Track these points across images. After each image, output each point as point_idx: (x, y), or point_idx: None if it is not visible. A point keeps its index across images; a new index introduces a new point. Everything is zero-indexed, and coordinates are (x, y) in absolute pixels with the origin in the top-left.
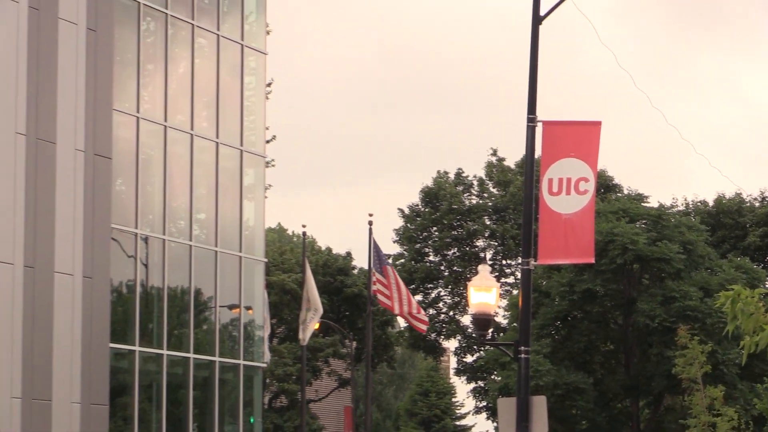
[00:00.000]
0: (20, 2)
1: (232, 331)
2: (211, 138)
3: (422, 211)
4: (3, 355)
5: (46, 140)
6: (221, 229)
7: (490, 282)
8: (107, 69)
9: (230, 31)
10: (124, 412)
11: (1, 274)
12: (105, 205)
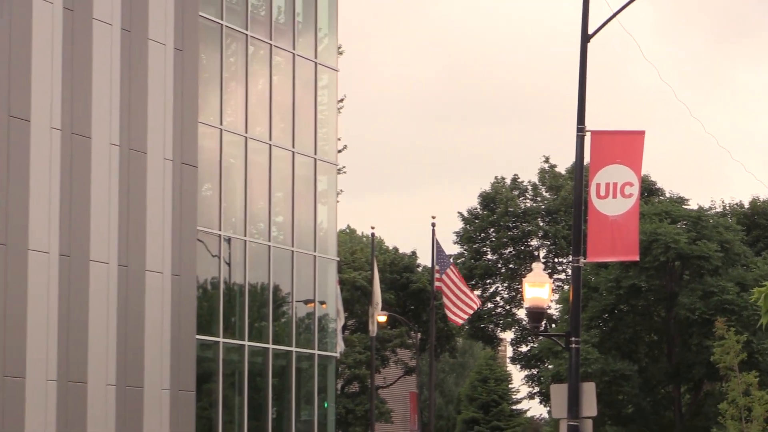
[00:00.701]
0: (113, 25)
1: (308, 324)
2: (287, 148)
3: (480, 214)
4: (99, 346)
5: (138, 150)
6: (297, 231)
7: (544, 278)
8: (193, 85)
9: (305, 50)
10: (209, 398)
11: (97, 273)
12: (191, 209)
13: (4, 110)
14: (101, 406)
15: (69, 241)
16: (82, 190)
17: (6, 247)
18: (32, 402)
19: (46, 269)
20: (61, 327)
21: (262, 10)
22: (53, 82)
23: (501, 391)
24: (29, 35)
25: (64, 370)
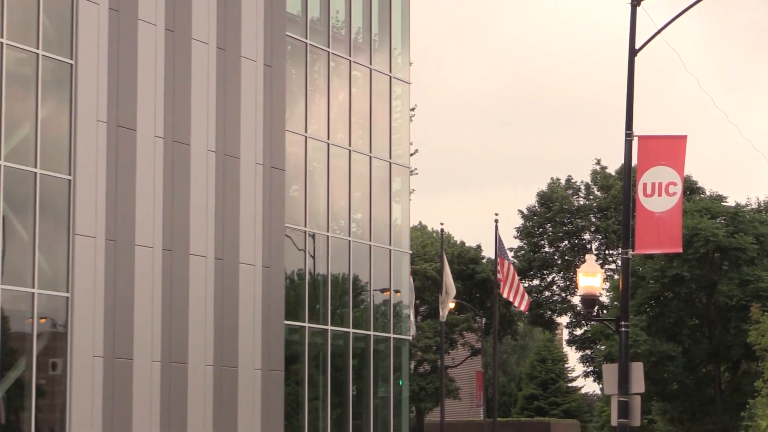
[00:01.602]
0: (209, 44)
1: (384, 310)
2: (365, 152)
3: (538, 211)
4: (198, 330)
5: (232, 156)
6: (374, 227)
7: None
8: (281, 97)
9: (380, 66)
10: (296, 377)
11: (196, 266)
12: (280, 208)
13: (113, 121)
14: (200, 383)
15: (171, 237)
16: (183, 192)
17: (115, 243)
18: (139, 380)
19: (150, 262)
20: (164, 313)
21: (343, 30)
22: (156, 95)
23: (558, 370)
24: (135, 54)
25: (167, 352)
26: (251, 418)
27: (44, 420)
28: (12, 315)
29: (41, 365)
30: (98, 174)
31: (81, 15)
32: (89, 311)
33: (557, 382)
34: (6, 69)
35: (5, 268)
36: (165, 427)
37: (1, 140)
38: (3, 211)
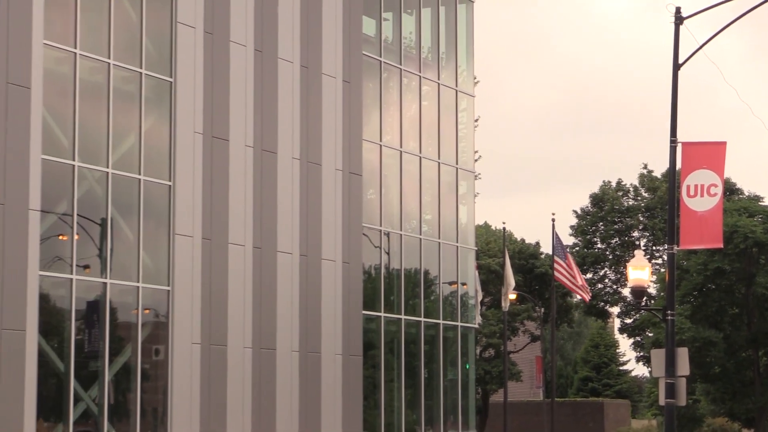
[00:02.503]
0: (294, 62)
1: (452, 301)
2: (434, 159)
3: (591, 211)
4: (285, 319)
5: (314, 162)
6: (442, 226)
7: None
8: (358, 109)
9: (447, 80)
10: (373, 361)
11: (283, 261)
12: (357, 210)
13: (208, 132)
14: (287, 367)
15: (260, 235)
16: (270, 195)
17: (211, 242)
18: (232, 365)
19: (242, 259)
20: (254, 304)
21: (413, 49)
22: (247, 108)
23: (610, 355)
24: (227, 72)
25: (257, 339)
26: (333, 399)
27: (148, 400)
28: (119, 307)
29: (145, 351)
30: (195, 180)
31: (179, 37)
32: (188, 303)
33: (609, 366)
34: (113, 86)
35: (113, 265)
36: (256, 404)
37: (110, 150)
38: (111, 214)
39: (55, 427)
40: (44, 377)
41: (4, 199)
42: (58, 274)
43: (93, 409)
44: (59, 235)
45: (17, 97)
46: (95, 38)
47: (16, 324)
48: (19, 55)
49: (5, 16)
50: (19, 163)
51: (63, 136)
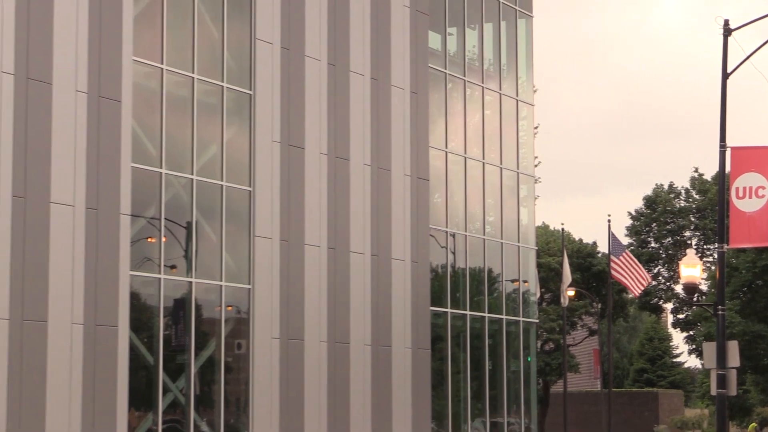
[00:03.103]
0: (365, 75)
1: (514, 297)
2: (496, 164)
3: (645, 213)
4: (358, 315)
5: (384, 168)
6: (505, 227)
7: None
8: (424, 118)
9: (508, 90)
10: (440, 354)
11: (355, 261)
12: (425, 212)
13: (285, 140)
14: (360, 360)
15: (335, 237)
16: (343, 199)
17: (288, 243)
18: (309, 357)
19: (317, 259)
20: (329, 301)
21: (476, 62)
22: (321, 118)
23: (664, 348)
24: (303, 84)
25: (332, 334)
26: (403, 389)
27: (231, 391)
28: (204, 304)
29: (228, 345)
30: (273, 185)
31: (258, 53)
32: (267, 300)
33: (663, 358)
34: (197, 99)
35: (198, 265)
36: (331, 394)
37: (194, 158)
38: (195, 218)
39: (146, 416)
40: (135, 370)
41: (98, 204)
42: (147, 273)
43: (180, 399)
44: (148, 237)
45: (109, 109)
46: (180, 54)
47: (109, 320)
48: (111, 70)
49: (98, 34)
50: (110, 171)
51: (151, 145)
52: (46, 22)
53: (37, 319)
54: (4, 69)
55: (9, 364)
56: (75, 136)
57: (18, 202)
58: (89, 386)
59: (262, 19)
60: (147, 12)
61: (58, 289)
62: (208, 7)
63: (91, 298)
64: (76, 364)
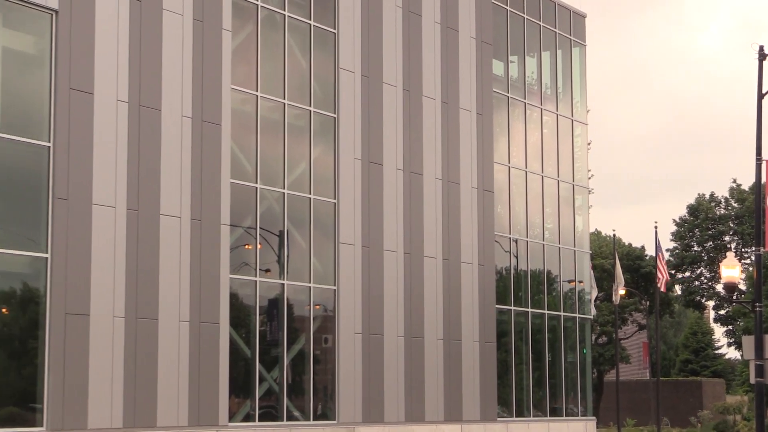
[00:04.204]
0: (436, 99)
1: (570, 296)
2: (553, 177)
3: (688, 219)
4: (431, 312)
5: (454, 182)
6: (562, 233)
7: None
8: (489, 136)
9: (564, 111)
10: (505, 347)
11: (429, 265)
12: (490, 221)
13: (366, 158)
14: (433, 352)
15: (410, 243)
16: (418, 209)
17: (369, 249)
18: (388, 350)
19: (395, 262)
20: (405, 300)
21: (535, 85)
22: (397, 137)
23: (706, 341)
24: (381, 108)
25: (408, 329)
26: (472, 379)
27: (319, 380)
28: (295, 303)
29: (316, 340)
30: (355, 197)
31: (341, 81)
32: (350, 299)
33: (706, 350)
34: (287, 122)
35: (289, 269)
36: (408, 383)
37: (285, 174)
38: (287, 227)
39: (244, 402)
40: (235, 362)
41: (201, 215)
42: (244, 276)
43: (274, 387)
44: (245, 244)
45: (210, 132)
46: (273, 83)
47: (212, 318)
48: (212, 97)
49: (200, 66)
50: (212, 186)
51: (247, 163)
52: (155, 56)
53: (149, 317)
54: (119, 98)
55: (125, 357)
56: (181, 156)
57: (132, 215)
58: (195, 376)
59: (344, 51)
60: (243, 46)
61: (167, 291)
62: (297, 41)
63: (195, 298)
64: (183, 357)
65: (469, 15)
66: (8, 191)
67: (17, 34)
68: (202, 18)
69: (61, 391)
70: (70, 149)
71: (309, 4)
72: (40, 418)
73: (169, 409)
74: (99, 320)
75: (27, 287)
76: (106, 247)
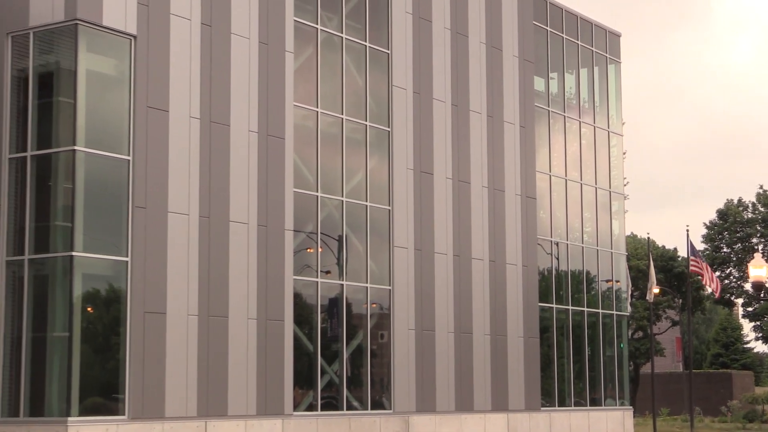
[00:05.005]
0: (482, 113)
1: (608, 294)
2: (591, 184)
3: (718, 223)
4: (479, 310)
5: (499, 189)
6: (599, 236)
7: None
8: (531, 147)
9: (600, 123)
10: (547, 342)
11: (477, 266)
12: (533, 225)
13: (418, 168)
14: (481, 346)
15: (459, 246)
16: (466, 215)
17: (421, 252)
18: (440, 345)
19: (445, 264)
20: (455, 299)
21: (573, 100)
22: (446, 148)
23: (736, 336)
24: (431, 122)
25: (458, 325)
26: (517, 371)
27: (376, 373)
28: (353, 302)
29: (373, 336)
30: (408, 204)
31: (394, 97)
32: (404, 298)
33: (735, 344)
34: (345, 135)
35: (347, 270)
36: (458, 375)
37: (343, 183)
38: (345, 232)
39: (307, 393)
40: (298, 356)
41: (267, 222)
42: (307, 278)
43: (335, 379)
44: (307, 248)
45: (275, 145)
46: (331, 99)
47: (277, 316)
48: (276, 114)
49: (266, 85)
50: (277, 195)
51: (309, 173)
52: (224, 77)
53: (220, 315)
54: (192, 114)
55: (198, 352)
56: (248, 167)
57: (204, 221)
58: (262, 369)
59: (397, 70)
60: (305, 66)
61: (236, 291)
62: (354, 61)
63: (262, 297)
64: (251, 352)
65: (512, 35)
66: (93, 201)
67: (100, 58)
68: (267, 41)
69: (141, 382)
70: (147, 162)
71: (364, 27)
72: (122, 407)
73: (239, 399)
74: (174, 318)
75: (110, 288)
76: (181, 251)
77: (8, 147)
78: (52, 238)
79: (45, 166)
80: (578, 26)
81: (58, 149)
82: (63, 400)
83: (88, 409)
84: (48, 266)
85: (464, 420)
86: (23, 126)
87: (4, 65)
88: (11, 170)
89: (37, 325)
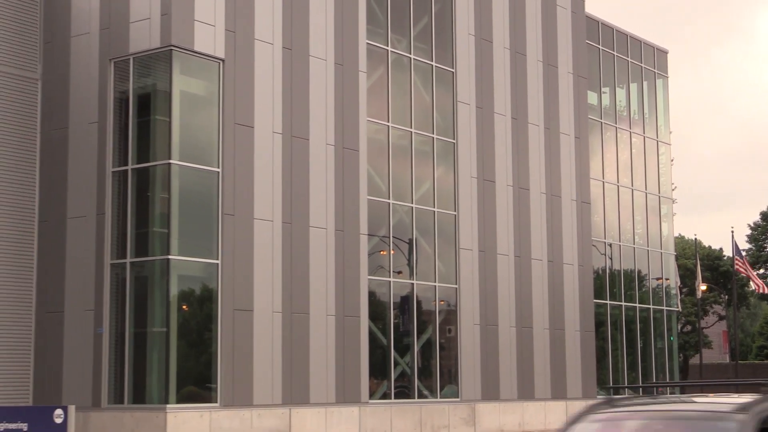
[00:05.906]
0: (539, 125)
1: (658, 291)
2: (642, 190)
3: (761, 224)
4: (538, 306)
5: (556, 195)
6: (650, 237)
7: None
8: (585, 157)
9: (650, 133)
10: (602, 335)
11: (536, 266)
12: (587, 227)
13: (481, 176)
14: (541, 339)
15: (519, 247)
16: (525, 219)
17: (484, 253)
18: (503, 339)
19: (507, 265)
20: (516, 295)
21: (624, 112)
22: (507, 158)
23: None
24: (492, 135)
25: (519, 320)
26: (574, 362)
27: (444, 365)
28: (423, 299)
29: (441, 330)
30: (472, 210)
31: (459, 111)
32: (469, 296)
33: None
34: (414, 147)
35: (417, 270)
36: (520, 366)
37: (413, 191)
38: (415, 235)
39: (382, 383)
40: (373, 349)
41: (344, 227)
42: (380, 278)
43: (407, 370)
44: (380, 251)
45: (350, 157)
46: (401, 114)
47: (354, 312)
48: (351, 128)
49: (341, 102)
50: (352, 202)
51: (381, 182)
52: (304, 95)
53: (302, 311)
54: (275, 130)
55: (282, 345)
56: (326, 177)
57: (286, 227)
58: (341, 361)
59: (461, 87)
60: (377, 84)
61: (316, 290)
62: (421, 79)
63: (340, 296)
64: (330, 345)
65: (566, 53)
66: (187, 209)
67: (192, 80)
68: (342, 62)
69: (231, 373)
70: (235, 173)
71: (431, 48)
72: (215, 395)
73: (320, 389)
74: (261, 315)
75: (203, 288)
76: (266, 254)
77: (111, 161)
78: (151, 243)
79: (144, 178)
80: (628, 44)
81: (156, 163)
82: (162, 389)
83: (185, 398)
84: (147, 268)
85: (526, 407)
86: (125, 142)
87: (108, 88)
88: (114, 182)
89: (138, 322)
